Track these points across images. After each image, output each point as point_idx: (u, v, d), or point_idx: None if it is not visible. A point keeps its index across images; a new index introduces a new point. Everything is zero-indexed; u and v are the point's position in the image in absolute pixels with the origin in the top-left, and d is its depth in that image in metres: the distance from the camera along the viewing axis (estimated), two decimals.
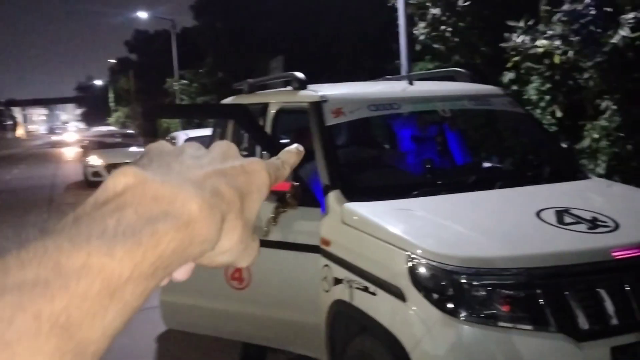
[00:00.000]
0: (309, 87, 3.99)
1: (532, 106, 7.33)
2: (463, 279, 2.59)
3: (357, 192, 3.36)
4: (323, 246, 3.30)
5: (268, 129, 4.04)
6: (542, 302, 2.54)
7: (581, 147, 6.65)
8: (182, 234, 0.39)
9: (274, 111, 4.10)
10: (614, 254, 2.68)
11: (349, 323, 3.15)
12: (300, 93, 3.95)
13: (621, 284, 2.64)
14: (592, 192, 3.68)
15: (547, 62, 7.10)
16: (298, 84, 4.01)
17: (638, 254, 2.70)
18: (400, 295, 2.70)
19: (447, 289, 2.60)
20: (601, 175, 6.17)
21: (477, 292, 2.57)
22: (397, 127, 5.31)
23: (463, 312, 2.56)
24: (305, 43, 17.88)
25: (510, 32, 7.41)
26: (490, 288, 2.57)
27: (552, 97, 7.30)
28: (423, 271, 2.66)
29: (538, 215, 2.98)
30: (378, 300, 2.84)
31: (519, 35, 7.27)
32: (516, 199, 3.43)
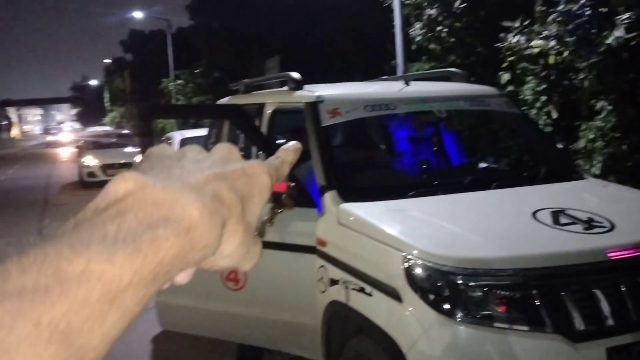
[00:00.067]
0: (305, 87, 3.98)
1: (527, 106, 7.34)
2: (459, 279, 2.59)
3: (353, 193, 3.36)
4: (319, 247, 3.30)
5: (264, 129, 4.03)
6: (538, 303, 2.54)
7: (577, 147, 6.66)
8: (183, 240, 0.39)
9: (270, 111, 4.09)
10: (610, 254, 2.68)
11: (345, 324, 3.15)
12: (296, 93, 3.95)
13: (617, 285, 2.64)
14: (588, 193, 3.69)
15: (542, 63, 7.12)
16: (294, 84, 4.00)
17: (634, 254, 2.71)
18: (396, 296, 2.70)
19: (443, 290, 2.60)
20: (597, 175, 6.18)
21: (473, 293, 2.57)
22: (393, 127, 5.32)
23: (459, 313, 2.56)
24: (302, 43, 17.87)
25: (506, 33, 7.43)
26: (486, 289, 2.58)
27: (547, 97, 7.31)
28: (419, 272, 2.66)
29: (534, 215, 2.99)
30: (374, 301, 2.84)
31: (515, 36, 7.28)
32: (512, 200, 3.44)
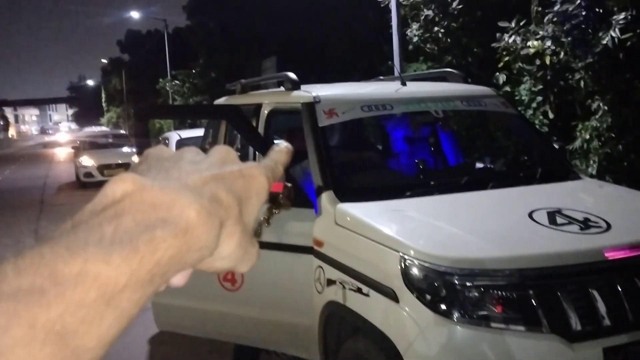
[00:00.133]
0: (302, 87, 3.98)
1: (523, 107, 7.36)
2: (456, 280, 2.59)
3: (350, 193, 3.36)
4: (316, 247, 3.29)
5: (261, 129, 4.03)
6: (534, 303, 2.55)
7: (573, 147, 6.67)
8: (180, 241, 0.39)
9: (266, 112, 4.09)
10: (606, 254, 2.69)
11: (342, 324, 3.14)
12: (293, 93, 3.95)
13: (613, 285, 2.65)
14: (584, 193, 3.69)
15: (538, 63, 7.13)
16: (291, 84, 4.00)
17: (630, 254, 2.71)
18: (393, 296, 2.70)
19: (439, 290, 2.60)
20: (593, 175, 6.20)
21: (469, 293, 2.57)
22: (390, 127, 5.32)
23: (456, 313, 2.56)
24: (299, 43, 17.88)
25: (502, 33, 7.44)
26: (483, 289, 2.58)
27: (543, 97, 7.33)
28: (416, 272, 2.66)
29: (530, 216, 2.99)
30: (371, 302, 2.84)
31: (511, 36, 7.30)
32: (508, 200, 3.44)
